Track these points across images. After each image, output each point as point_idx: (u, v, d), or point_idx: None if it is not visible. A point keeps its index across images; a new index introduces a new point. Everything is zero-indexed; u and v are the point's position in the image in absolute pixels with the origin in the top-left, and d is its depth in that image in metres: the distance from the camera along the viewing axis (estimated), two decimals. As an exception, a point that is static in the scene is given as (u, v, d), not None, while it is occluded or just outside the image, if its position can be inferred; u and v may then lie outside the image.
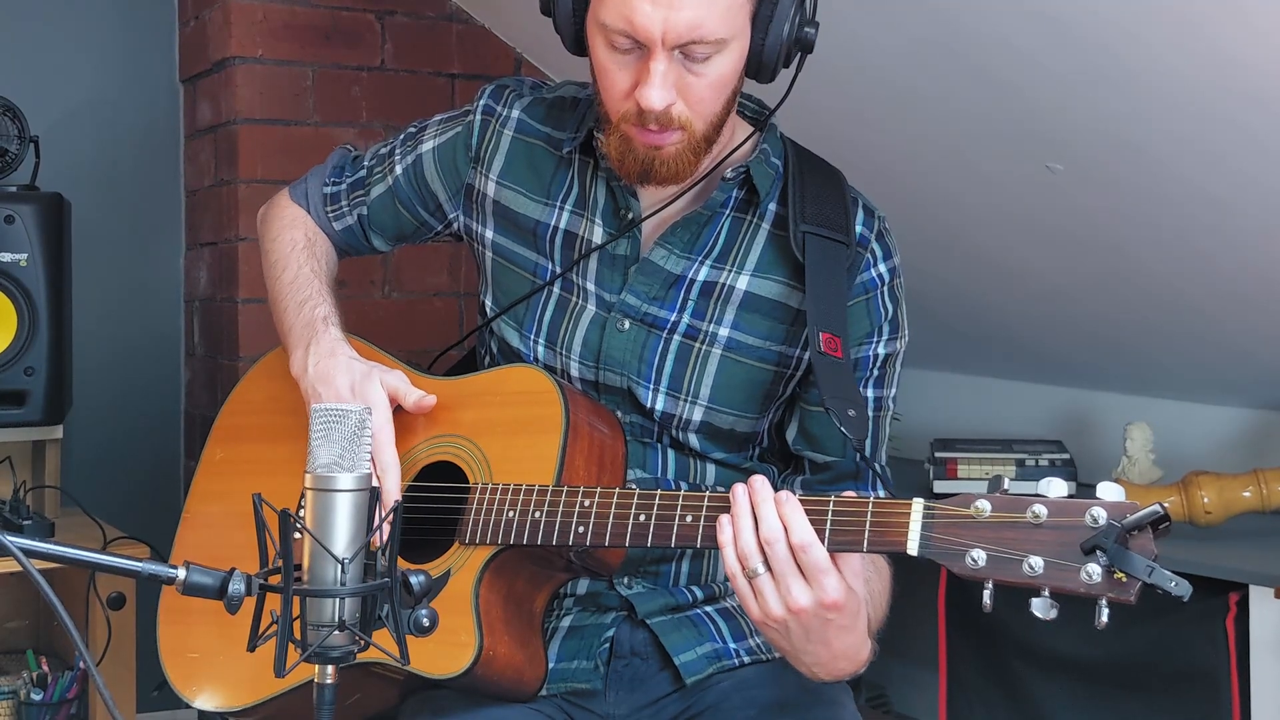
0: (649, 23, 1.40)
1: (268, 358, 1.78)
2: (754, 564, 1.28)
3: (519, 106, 1.67)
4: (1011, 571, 1.20)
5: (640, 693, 1.58)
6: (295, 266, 1.72)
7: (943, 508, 1.25)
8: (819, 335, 1.49)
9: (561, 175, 1.63)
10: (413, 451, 1.58)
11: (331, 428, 1.09)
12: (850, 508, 1.29)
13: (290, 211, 1.81)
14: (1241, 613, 2.08)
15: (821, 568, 1.26)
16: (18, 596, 2.76)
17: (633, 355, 1.58)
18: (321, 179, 1.81)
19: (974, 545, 1.22)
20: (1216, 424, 2.57)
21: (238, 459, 1.75)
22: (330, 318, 1.63)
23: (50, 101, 2.86)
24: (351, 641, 1.09)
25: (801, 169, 1.61)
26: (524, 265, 1.64)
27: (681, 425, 1.59)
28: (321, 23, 2.87)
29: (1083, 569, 1.17)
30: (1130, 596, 1.16)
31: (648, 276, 1.59)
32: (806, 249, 1.54)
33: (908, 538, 1.25)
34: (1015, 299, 2.62)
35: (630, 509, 1.39)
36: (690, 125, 1.47)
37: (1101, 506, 1.18)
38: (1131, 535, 1.17)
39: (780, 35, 1.46)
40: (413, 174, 1.72)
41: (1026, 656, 2.40)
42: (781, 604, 1.28)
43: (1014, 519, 1.21)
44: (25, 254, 2.43)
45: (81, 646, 1.05)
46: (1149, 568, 1.15)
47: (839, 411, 1.45)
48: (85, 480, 2.80)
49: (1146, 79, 1.88)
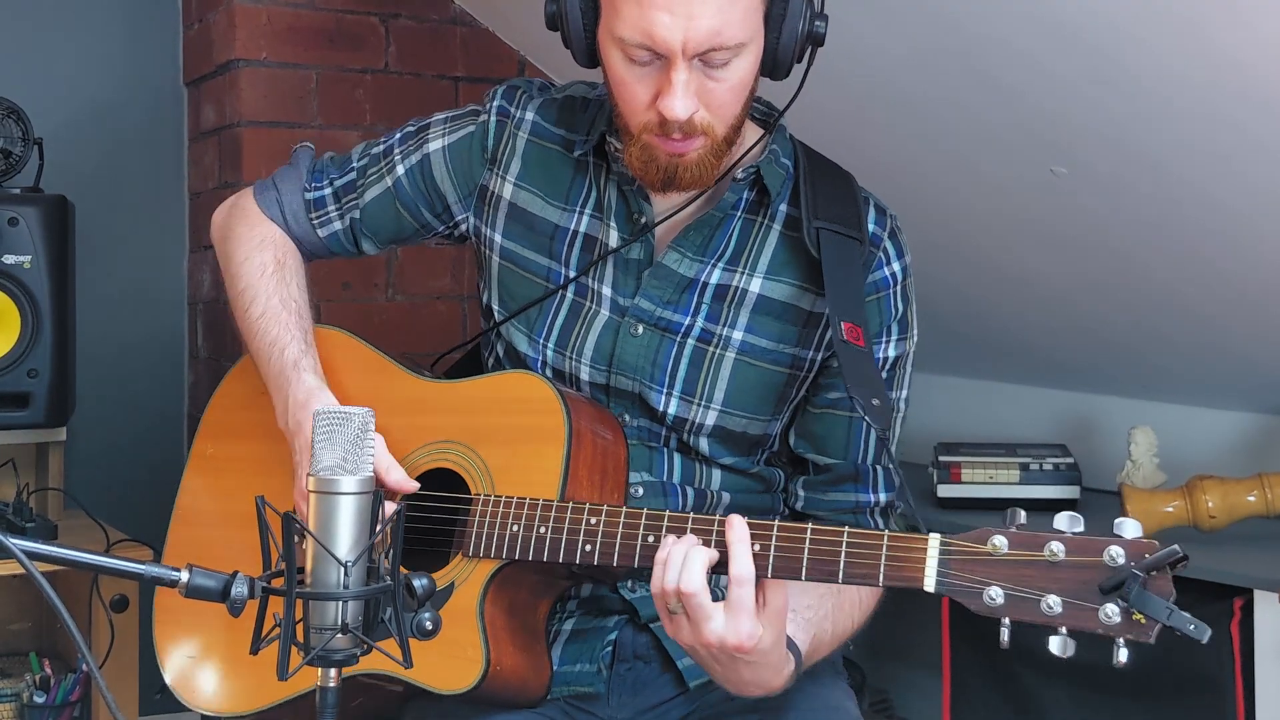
0: (669, 34, 1.39)
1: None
2: (671, 604, 1.31)
3: (532, 108, 1.65)
4: (1029, 611, 1.20)
5: (643, 696, 1.58)
6: (264, 298, 1.65)
7: (959, 543, 1.24)
8: (841, 324, 1.49)
9: (579, 179, 1.62)
10: (410, 457, 1.56)
11: (334, 430, 1.09)
12: (865, 540, 1.28)
13: (261, 229, 1.72)
14: (1246, 617, 2.08)
15: (744, 607, 1.28)
16: (21, 599, 2.75)
17: (646, 360, 1.57)
18: (299, 184, 1.73)
19: (991, 583, 1.22)
20: (1221, 428, 2.56)
21: (228, 455, 1.73)
22: (302, 360, 1.58)
23: (54, 104, 2.86)
24: (354, 645, 1.08)
25: (812, 169, 1.60)
26: (534, 270, 1.63)
27: (694, 430, 1.58)
28: (325, 25, 2.87)
29: (1101, 610, 1.17)
30: (1149, 638, 1.16)
31: (661, 281, 1.58)
32: (821, 244, 1.53)
33: (924, 574, 1.25)
34: (1019, 302, 2.61)
35: (639, 530, 1.38)
36: (712, 130, 1.46)
37: (1119, 545, 1.18)
38: (1150, 576, 1.16)
39: (795, 32, 1.46)
40: (418, 174, 1.68)
41: (1030, 662, 2.40)
42: (694, 637, 1.31)
43: (1031, 557, 1.21)
44: (29, 256, 2.43)
45: (84, 649, 1.05)
46: (1168, 610, 1.15)
47: (864, 400, 1.44)
48: (88, 482, 2.80)
49: (1150, 83, 1.88)
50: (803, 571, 1.30)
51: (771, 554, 1.30)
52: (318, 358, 1.61)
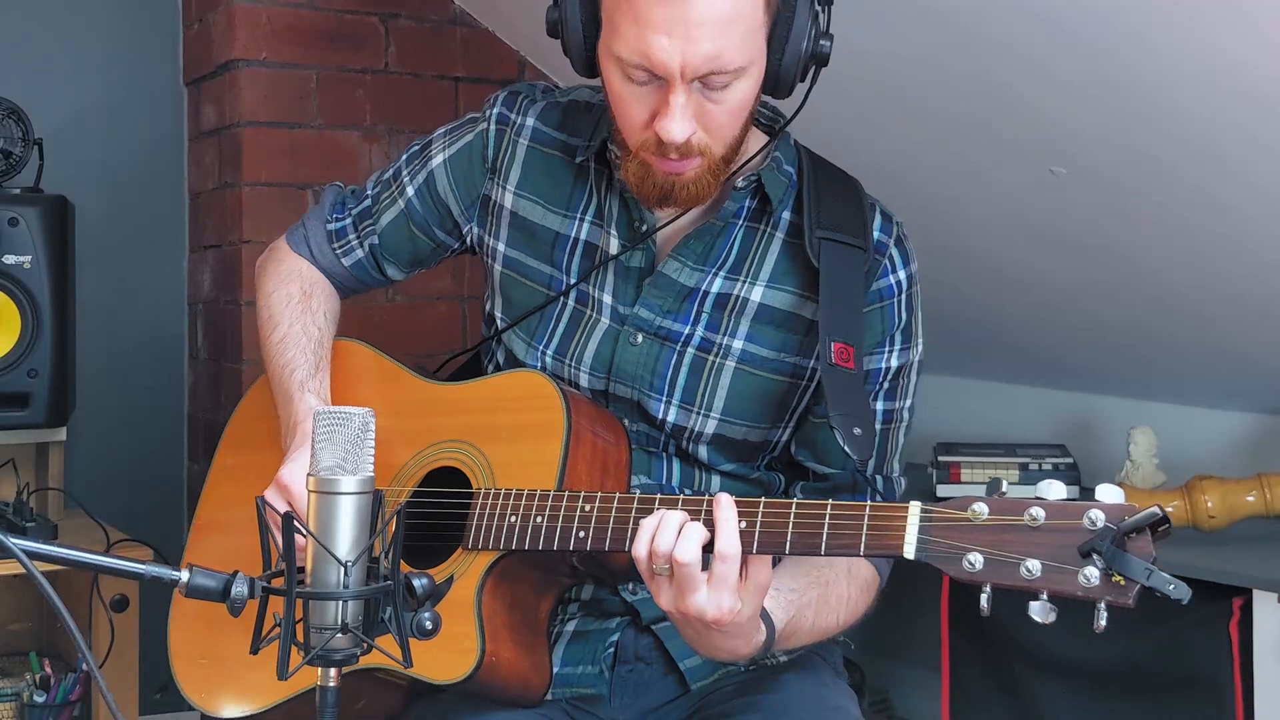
0: (667, 57, 1.37)
1: None
2: (660, 564, 1.31)
3: (533, 114, 1.65)
4: (1009, 575, 1.20)
5: (645, 698, 1.58)
6: (285, 325, 1.68)
7: (939, 511, 1.25)
8: (830, 345, 1.48)
9: (580, 186, 1.62)
10: (416, 457, 1.58)
11: (334, 430, 1.10)
12: (847, 512, 1.29)
13: (289, 264, 1.75)
14: (1245, 617, 2.08)
15: (727, 582, 1.29)
16: (21, 599, 2.76)
17: (645, 369, 1.57)
18: (322, 219, 1.76)
19: (971, 549, 1.22)
20: (1220, 428, 2.57)
21: (248, 465, 1.74)
22: (308, 383, 1.61)
23: (54, 104, 2.86)
24: (354, 644, 1.09)
25: (816, 175, 1.59)
26: (537, 278, 1.63)
27: (692, 437, 1.58)
28: (326, 25, 2.87)
29: (1080, 572, 1.17)
30: (1129, 600, 1.16)
31: (661, 289, 1.58)
32: (822, 255, 1.52)
33: (904, 541, 1.25)
34: (1018, 303, 2.62)
35: (631, 513, 1.39)
36: (709, 151, 1.45)
37: (1099, 509, 1.18)
38: (1129, 538, 1.16)
39: (798, 53, 1.45)
40: (427, 193, 1.69)
41: (1030, 661, 2.40)
42: (672, 604, 1.32)
43: (1011, 522, 1.21)
44: (29, 256, 2.44)
45: (84, 649, 1.05)
46: (1147, 570, 1.14)
47: (844, 429, 1.44)
48: (88, 482, 2.80)
49: (1150, 83, 1.88)
50: (787, 545, 1.30)
51: (757, 529, 1.31)
52: (327, 383, 1.64)
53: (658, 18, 1.36)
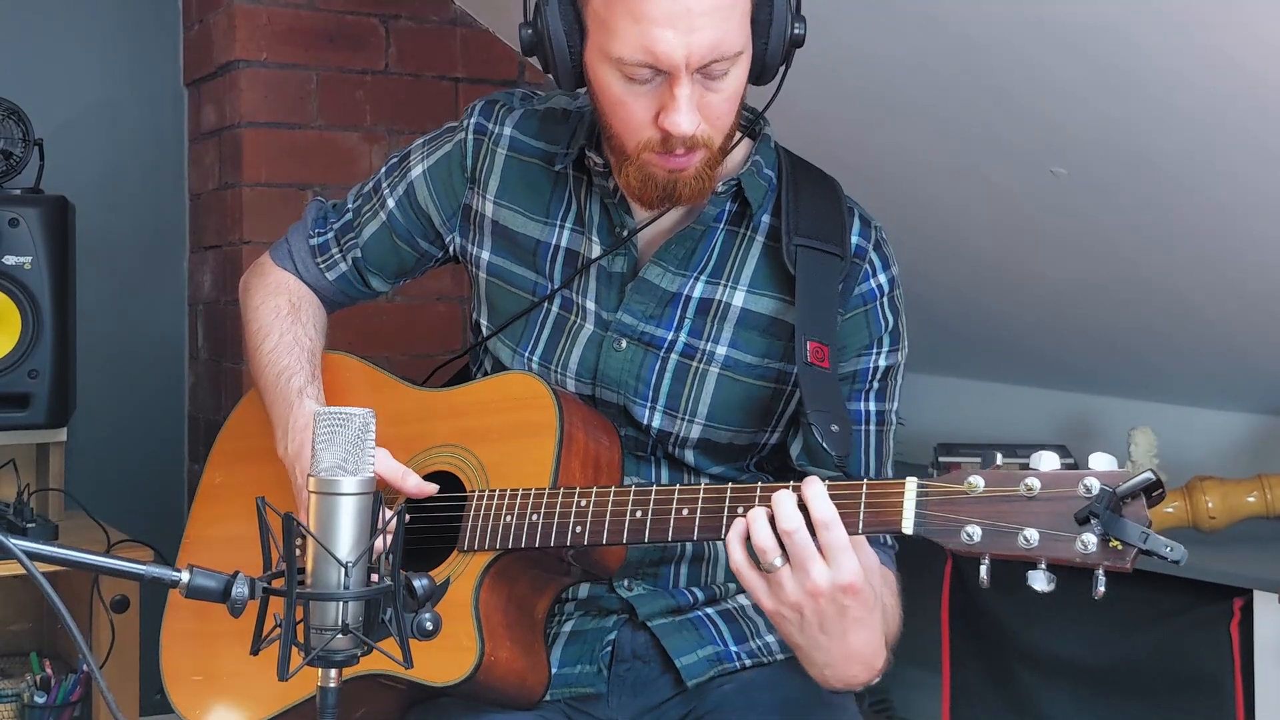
0: (672, 50, 1.38)
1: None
2: (771, 559, 1.27)
3: (510, 123, 1.65)
4: (1007, 545, 1.21)
5: (643, 696, 1.58)
6: (276, 335, 1.68)
7: (936, 485, 1.26)
8: (806, 344, 1.48)
9: (559, 193, 1.62)
10: (410, 464, 1.57)
11: (335, 431, 1.10)
12: (845, 490, 1.29)
13: (275, 278, 1.76)
14: (1246, 618, 2.08)
15: (840, 545, 1.26)
16: (21, 599, 2.76)
17: (630, 375, 1.57)
18: (304, 234, 1.77)
19: (969, 521, 1.22)
20: (1221, 429, 2.57)
21: (236, 483, 1.74)
22: (306, 389, 1.60)
23: (55, 105, 2.87)
24: (355, 645, 1.09)
25: (796, 179, 1.59)
26: (521, 285, 1.63)
27: (678, 442, 1.58)
28: (326, 26, 2.87)
29: (1078, 539, 1.18)
30: (1126, 564, 1.17)
31: (643, 294, 1.58)
32: (798, 262, 1.53)
33: (903, 516, 1.25)
34: (1018, 303, 2.62)
35: (626, 506, 1.39)
36: (711, 142, 1.46)
37: (1094, 476, 1.19)
38: (1125, 503, 1.17)
39: (782, 35, 1.46)
40: (408, 203, 1.69)
41: (1030, 661, 2.40)
42: (799, 588, 1.27)
43: (1007, 493, 1.22)
44: (29, 257, 2.44)
45: (85, 649, 1.05)
46: (1143, 534, 1.16)
47: (821, 425, 1.44)
48: (89, 483, 2.80)
49: (1149, 84, 1.88)
50: None
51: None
52: (322, 391, 1.63)
53: (659, 12, 1.37)
